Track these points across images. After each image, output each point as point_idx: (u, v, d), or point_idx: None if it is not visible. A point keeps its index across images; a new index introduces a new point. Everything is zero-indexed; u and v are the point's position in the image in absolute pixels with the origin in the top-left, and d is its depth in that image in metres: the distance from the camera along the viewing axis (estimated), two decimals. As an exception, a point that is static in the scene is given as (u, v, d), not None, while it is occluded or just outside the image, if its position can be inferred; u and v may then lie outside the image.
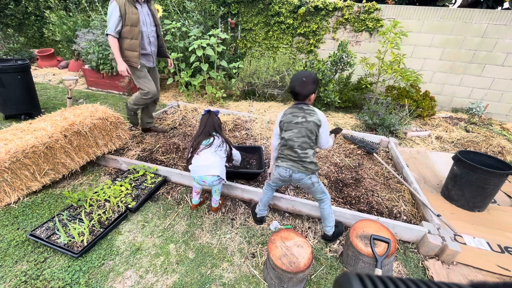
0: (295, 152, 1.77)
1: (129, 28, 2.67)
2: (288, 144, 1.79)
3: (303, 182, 1.82)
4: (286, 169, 1.81)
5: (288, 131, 1.78)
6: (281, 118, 1.84)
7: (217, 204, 2.25)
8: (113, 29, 2.63)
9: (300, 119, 1.75)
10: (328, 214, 1.95)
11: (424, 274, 1.87)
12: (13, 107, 3.66)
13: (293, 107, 1.82)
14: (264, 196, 2.12)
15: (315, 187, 1.85)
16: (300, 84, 1.73)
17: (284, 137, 1.80)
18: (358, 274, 0.36)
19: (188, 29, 4.83)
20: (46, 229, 1.99)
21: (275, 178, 1.94)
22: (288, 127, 1.79)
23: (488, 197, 2.43)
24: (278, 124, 1.86)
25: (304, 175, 1.79)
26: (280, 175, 1.86)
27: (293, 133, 1.76)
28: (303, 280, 1.65)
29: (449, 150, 3.69)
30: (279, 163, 1.85)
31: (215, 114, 2.21)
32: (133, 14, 2.65)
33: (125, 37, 2.71)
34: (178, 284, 1.69)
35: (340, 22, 4.92)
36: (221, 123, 2.20)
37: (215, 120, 2.18)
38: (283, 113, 1.84)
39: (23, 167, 2.22)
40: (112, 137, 2.84)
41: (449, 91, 4.92)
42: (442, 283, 0.33)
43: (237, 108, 4.68)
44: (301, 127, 1.74)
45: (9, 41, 7.08)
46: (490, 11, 4.23)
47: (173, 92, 5.39)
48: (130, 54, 2.78)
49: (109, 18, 2.63)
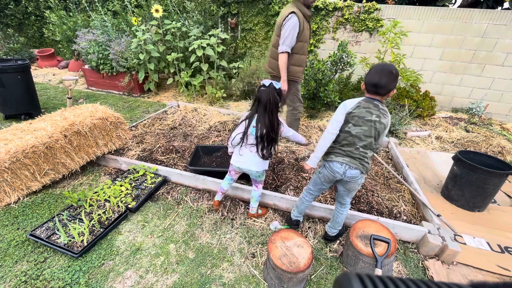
0: (356, 150, 1.61)
1: (302, 44, 2.58)
2: (351, 141, 1.61)
3: (355, 181, 1.67)
4: (342, 164, 1.63)
5: (356, 127, 1.58)
6: (352, 109, 1.60)
7: (254, 210, 2.19)
8: (290, 45, 2.51)
9: (374, 118, 1.56)
10: (343, 219, 1.94)
11: (424, 274, 1.87)
12: (13, 107, 3.66)
13: (368, 101, 1.59)
14: (302, 204, 2.01)
15: (357, 189, 1.78)
16: (388, 76, 1.51)
17: (350, 131, 1.60)
18: (358, 274, 0.36)
19: (188, 29, 4.83)
20: (46, 229, 1.99)
21: (322, 176, 1.76)
22: (357, 122, 1.58)
23: (488, 197, 2.43)
24: (344, 113, 1.62)
25: (359, 172, 1.64)
26: (333, 170, 1.67)
27: (362, 130, 1.57)
28: (303, 280, 1.65)
29: (449, 150, 3.69)
30: (332, 158, 1.67)
31: (275, 90, 1.76)
32: (307, 29, 2.57)
33: (295, 53, 2.61)
34: (178, 284, 1.69)
35: (340, 22, 4.92)
36: (279, 102, 1.80)
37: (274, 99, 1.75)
38: (356, 104, 1.60)
39: (23, 167, 2.22)
40: (112, 137, 2.84)
41: (449, 91, 4.92)
42: (442, 283, 0.33)
43: (237, 108, 4.68)
44: (372, 126, 1.56)
45: (9, 41, 7.07)
46: (490, 11, 4.23)
47: (173, 92, 5.39)
48: (297, 69, 2.71)
49: (287, 34, 2.46)
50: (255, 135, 1.80)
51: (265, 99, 1.73)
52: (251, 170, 1.94)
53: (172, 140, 3.34)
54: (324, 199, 2.44)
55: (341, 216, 1.92)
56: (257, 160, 1.89)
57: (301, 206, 2.04)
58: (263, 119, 1.76)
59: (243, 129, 1.84)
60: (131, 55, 4.66)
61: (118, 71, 4.93)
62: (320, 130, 3.81)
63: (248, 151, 1.89)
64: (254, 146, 1.84)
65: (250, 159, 1.89)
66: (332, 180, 1.74)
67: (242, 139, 1.86)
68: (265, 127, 1.76)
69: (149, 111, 4.45)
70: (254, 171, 1.94)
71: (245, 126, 1.84)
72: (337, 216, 1.93)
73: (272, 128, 1.78)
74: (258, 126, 1.77)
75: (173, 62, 4.76)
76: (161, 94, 5.28)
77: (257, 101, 1.78)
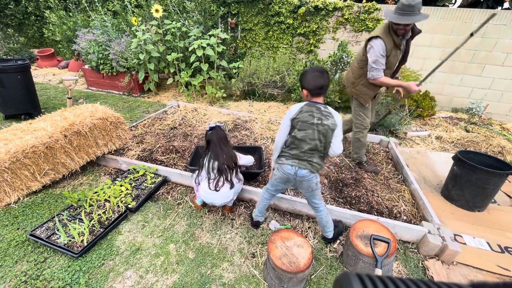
0: (302, 152, 1.70)
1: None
2: (298, 145, 1.70)
3: (307, 180, 1.74)
4: (292, 166, 1.72)
5: (301, 131, 1.66)
6: (296, 115, 1.67)
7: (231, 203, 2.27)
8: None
9: (316, 120, 1.63)
10: (326, 221, 1.94)
11: (424, 274, 1.87)
12: (13, 107, 3.66)
13: (310, 105, 1.67)
14: (261, 202, 2.07)
15: (317, 188, 1.82)
16: (327, 76, 1.65)
17: (296, 136, 1.68)
18: (358, 274, 0.36)
19: (188, 29, 4.83)
20: (46, 229, 1.99)
21: (277, 178, 1.85)
22: (302, 126, 1.66)
23: (488, 197, 2.43)
24: (290, 120, 1.70)
25: (309, 172, 1.71)
26: (285, 172, 1.76)
27: (307, 134, 1.65)
28: (303, 280, 1.65)
29: (449, 150, 3.69)
30: (283, 161, 1.76)
31: (220, 128, 2.13)
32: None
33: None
34: (178, 284, 1.69)
35: (340, 22, 4.92)
36: (226, 136, 2.15)
37: (221, 135, 2.10)
38: (299, 109, 1.68)
39: (23, 167, 2.22)
40: (112, 137, 2.83)
41: (449, 91, 4.92)
42: (442, 283, 0.33)
43: (237, 108, 4.68)
44: (315, 129, 1.64)
45: (9, 41, 7.07)
46: (490, 11, 4.23)
47: (173, 92, 5.39)
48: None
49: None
50: (217, 168, 2.03)
51: (215, 138, 2.05)
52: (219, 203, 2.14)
53: (172, 140, 3.34)
54: (324, 199, 2.44)
55: (323, 220, 1.93)
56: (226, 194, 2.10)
57: (260, 205, 2.08)
58: (221, 153, 2.04)
59: (205, 168, 2.06)
60: (131, 55, 4.66)
61: (118, 71, 4.93)
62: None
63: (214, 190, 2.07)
64: (220, 179, 2.05)
65: (219, 194, 2.08)
66: (286, 180, 1.82)
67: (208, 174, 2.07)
68: (224, 159, 2.03)
69: (149, 111, 4.45)
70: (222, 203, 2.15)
71: (206, 165, 2.06)
72: (320, 221, 1.96)
73: (230, 157, 2.06)
74: (219, 159, 2.02)
75: (173, 62, 4.75)
76: (161, 94, 5.28)
77: (208, 143, 2.07)
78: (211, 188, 2.05)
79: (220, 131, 2.10)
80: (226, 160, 2.04)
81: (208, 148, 2.08)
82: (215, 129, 2.09)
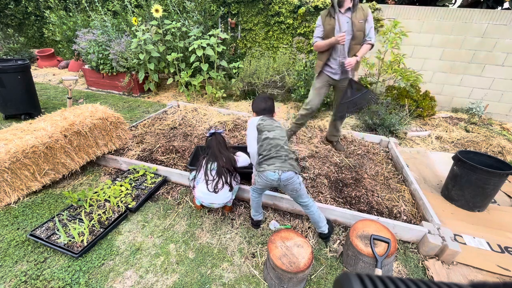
0: (283, 150, 1.82)
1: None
2: (274, 143, 1.83)
3: (291, 181, 1.77)
4: (275, 172, 1.75)
5: (271, 131, 1.87)
6: (259, 121, 1.93)
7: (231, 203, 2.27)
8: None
9: (277, 124, 1.95)
10: (318, 216, 1.95)
11: (424, 274, 1.87)
12: (13, 107, 3.66)
13: (265, 117, 1.98)
14: (252, 201, 2.08)
15: (302, 187, 1.84)
16: (272, 103, 2.05)
17: (268, 136, 1.85)
18: (358, 274, 0.36)
19: (188, 29, 4.83)
20: (46, 229, 1.99)
21: (259, 185, 1.90)
22: (270, 128, 1.89)
23: (488, 197, 2.43)
24: (255, 128, 1.92)
25: (293, 173, 1.76)
26: (268, 179, 1.79)
27: (277, 132, 1.88)
28: (303, 280, 1.65)
29: (449, 150, 3.69)
30: (264, 168, 1.79)
31: (220, 134, 2.24)
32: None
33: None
34: (178, 284, 1.69)
35: (340, 22, 4.91)
36: (225, 141, 2.24)
37: (220, 140, 2.19)
38: (259, 120, 1.94)
39: (23, 167, 2.22)
40: (112, 137, 2.84)
41: (449, 91, 4.92)
42: (442, 283, 0.33)
43: (237, 108, 4.68)
44: (282, 130, 1.93)
45: (9, 41, 7.07)
46: (490, 11, 4.23)
47: (173, 92, 5.39)
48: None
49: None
50: (216, 171, 2.08)
51: (215, 144, 2.13)
52: (218, 204, 2.16)
53: (172, 140, 3.34)
54: (324, 199, 2.44)
55: (315, 215, 1.94)
56: (225, 195, 2.12)
57: (253, 204, 2.09)
58: (220, 156, 2.10)
59: (203, 169, 2.10)
60: (131, 55, 4.66)
61: (118, 71, 4.93)
62: (320, 130, 3.81)
63: (212, 191, 2.09)
64: (219, 181, 2.08)
65: (218, 196, 2.10)
66: (269, 186, 1.90)
67: (206, 176, 2.10)
68: (224, 162, 2.09)
69: (149, 111, 4.45)
70: (222, 203, 2.18)
71: (204, 166, 2.11)
72: (312, 217, 1.96)
73: (229, 160, 2.12)
74: (218, 161, 2.08)
75: (173, 62, 4.75)
76: (161, 94, 5.28)
77: (208, 148, 2.16)
78: (210, 190, 2.06)
79: (220, 136, 2.21)
80: (225, 163, 2.09)
81: (207, 152, 2.16)
82: (214, 135, 2.19)
